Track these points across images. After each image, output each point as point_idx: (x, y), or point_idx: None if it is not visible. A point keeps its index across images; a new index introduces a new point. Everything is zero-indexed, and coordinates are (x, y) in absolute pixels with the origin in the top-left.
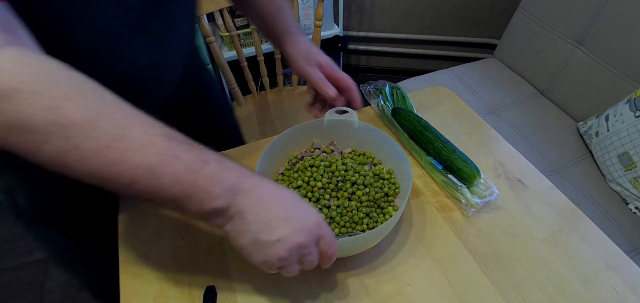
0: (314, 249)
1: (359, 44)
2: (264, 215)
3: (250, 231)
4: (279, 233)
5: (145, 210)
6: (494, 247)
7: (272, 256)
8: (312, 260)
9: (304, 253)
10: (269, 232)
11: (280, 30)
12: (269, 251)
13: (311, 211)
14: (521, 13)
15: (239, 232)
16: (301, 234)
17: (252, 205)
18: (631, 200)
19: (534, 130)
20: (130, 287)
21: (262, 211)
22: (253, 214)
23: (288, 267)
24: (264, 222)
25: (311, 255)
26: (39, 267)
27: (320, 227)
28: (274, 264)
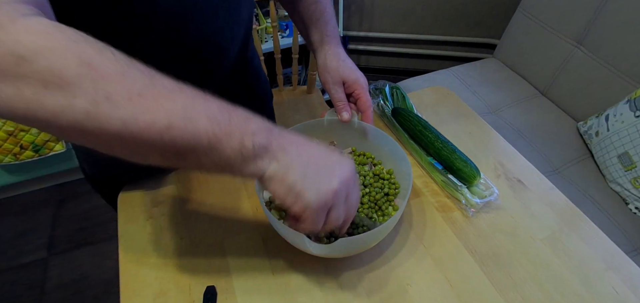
0: (356, 189)
1: (359, 44)
2: (305, 150)
3: (298, 164)
4: (327, 167)
5: (146, 210)
6: (494, 246)
7: (325, 190)
8: (354, 200)
9: (349, 191)
10: (316, 166)
11: (317, 38)
12: (321, 185)
13: (345, 155)
14: (521, 13)
15: (286, 169)
16: (345, 169)
17: (291, 142)
18: (631, 200)
19: (534, 130)
20: (130, 287)
21: (302, 147)
22: (295, 147)
23: (339, 206)
24: (308, 155)
25: (353, 194)
26: (39, 267)
27: (354, 170)
28: (328, 200)
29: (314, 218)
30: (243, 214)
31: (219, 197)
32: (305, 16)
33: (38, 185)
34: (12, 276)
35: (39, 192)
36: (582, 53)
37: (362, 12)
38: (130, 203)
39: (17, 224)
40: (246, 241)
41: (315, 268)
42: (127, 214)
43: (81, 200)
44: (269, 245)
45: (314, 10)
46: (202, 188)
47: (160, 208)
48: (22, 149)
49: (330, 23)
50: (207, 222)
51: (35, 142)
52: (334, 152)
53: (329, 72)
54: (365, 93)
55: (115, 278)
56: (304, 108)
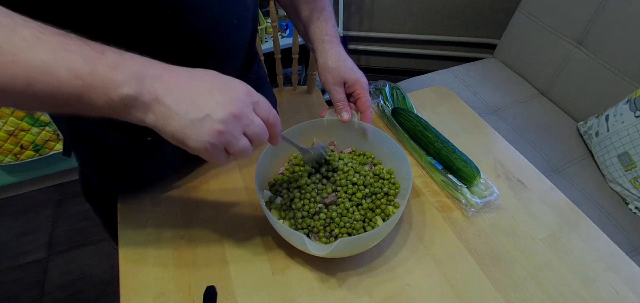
0: (253, 117)
1: (358, 44)
2: (184, 94)
3: (175, 114)
4: (207, 107)
5: (145, 210)
6: (494, 247)
7: (208, 134)
8: (257, 130)
9: (243, 124)
10: (196, 109)
11: (317, 37)
12: (202, 129)
13: (235, 80)
14: (521, 13)
15: (164, 119)
16: (231, 104)
17: (167, 88)
18: (631, 200)
19: (534, 130)
20: (130, 287)
21: (180, 91)
22: (171, 95)
23: (234, 143)
24: (186, 100)
25: (253, 124)
26: (39, 267)
27: (250, 94)
28: (216, 143)
29: (211, 158)
30: (243, 214)
31: (218, 197)
32: (305, 16)
33: (38, 185)
34: (12, 276)
35: (39, 192)
36: (582, 53)
37: (362, 12)
38: (130, 204)
39: (17, 224)
40: (246, 241)
41: (315, 268)
42: (127, 214)
43: (81, 200)
44: (269, 245)
45: (314, 10)
46: (202, 189)
47: (160, 208)
48: (23, 148)
49: (330, 22)
50: (207, 222)
51: (36, 141)
52: (222, 84)
53: (330, 71)
54: (365, 93)
55: (115, 278)
56: (304, 108)
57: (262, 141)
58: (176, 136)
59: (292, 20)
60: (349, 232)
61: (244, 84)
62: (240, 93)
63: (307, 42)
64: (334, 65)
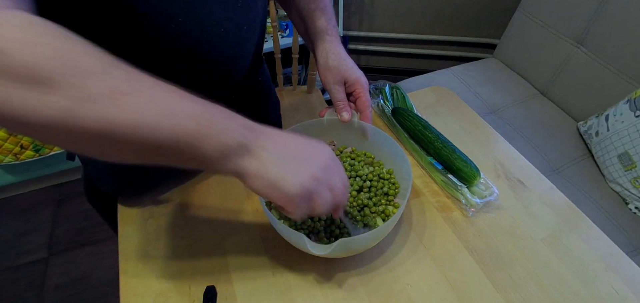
0: (339, 177)
1: (358, 44)
2: (285, 145)
3: (278, 160)
4: (306, 157)
5: (146, 210)
6: (494, 246)
7: (306, 178)
8: (341, 189)
9: (331, 180)
10: (296, 158)
11: (317, 37)
12: (301, 173)
13: (322, 143)
14: (521, 13)
15: (268, 164)
16: (325, 159)
17: (270, 140)
18: (631, 200)
19: (534, 130)
20: (130, 287)
21: (282, 143)
22: (273, 143)
23: (323, 194)
24: (288, 150)
25: (339, 182)
26: (39, 267)
27: (333, 157)
28: (310, 189)
29: (296, 206)
30: (243, 214)
31: (219, 198)
32: (305, 15)
33: (38, 185)
34: (12, 276)
35: (39, 191)
36: (582, 53)
37: (362, 12)
38: (130, 204)
39: (17, 224)
40: (246, 241)
41: (315, 268)
42: (127, 214)
43: (81, 200)
44: (269, 245)
45: (314, 9)
46: (203, 189)
47: (160, 208)
48: (23, 148)
49: (330, 22)
50: (207, 222)
51: (36, 141)
52: (311, 141)
53: (330, 71)
54: (365, 93)
55: (115, 278)
56: (304, 108)
57: (341, 202)
58: (275, 181)
59: (292, 20)
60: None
61: (328, 147)
62: (329, 153)
63: (307, 41)
64: (335, 64)
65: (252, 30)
